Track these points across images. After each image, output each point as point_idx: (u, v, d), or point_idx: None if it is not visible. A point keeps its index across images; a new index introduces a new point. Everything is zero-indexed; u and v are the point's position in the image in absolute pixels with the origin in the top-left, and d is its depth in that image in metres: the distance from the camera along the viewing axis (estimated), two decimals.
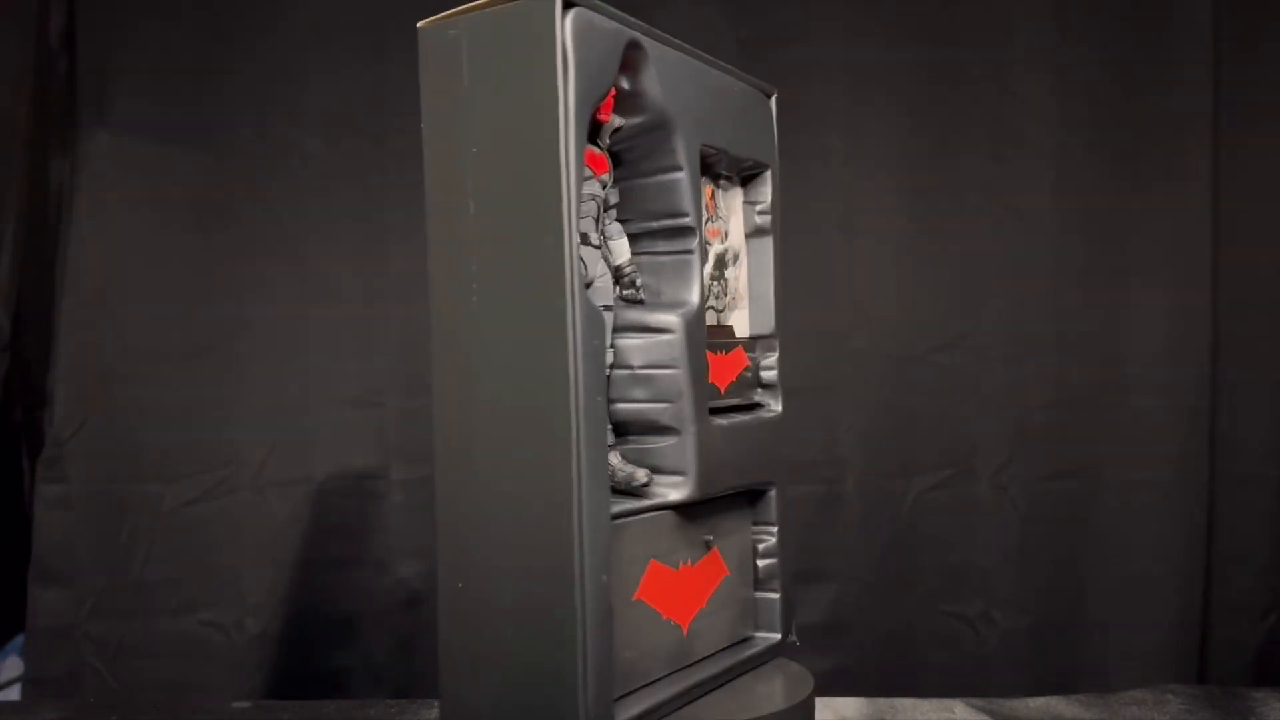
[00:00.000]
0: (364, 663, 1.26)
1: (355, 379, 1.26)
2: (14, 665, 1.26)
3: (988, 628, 1.25)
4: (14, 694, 1.25)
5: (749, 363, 0.68)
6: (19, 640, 1.27)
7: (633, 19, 0.56)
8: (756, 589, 0.70)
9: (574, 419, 0.52)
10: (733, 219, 0.71)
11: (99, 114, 1.24)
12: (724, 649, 0.67)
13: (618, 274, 0.66)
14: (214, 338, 1.25)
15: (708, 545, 0.64)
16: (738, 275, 0.70)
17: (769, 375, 0.70)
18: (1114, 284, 1.24)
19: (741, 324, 0.70)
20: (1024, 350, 1.24)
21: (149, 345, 1.24)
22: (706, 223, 0.67)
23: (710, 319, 0.67)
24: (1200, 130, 1.23)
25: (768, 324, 0.70)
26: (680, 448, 0.61)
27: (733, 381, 0.66)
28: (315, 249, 1.26)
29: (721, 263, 0.69)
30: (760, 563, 0.70)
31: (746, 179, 0.71)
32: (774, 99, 0.71)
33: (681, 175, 0.62)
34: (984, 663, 1.24)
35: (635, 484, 0.60)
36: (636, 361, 0.60)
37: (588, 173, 0.60)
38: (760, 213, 0.71)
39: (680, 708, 0.60)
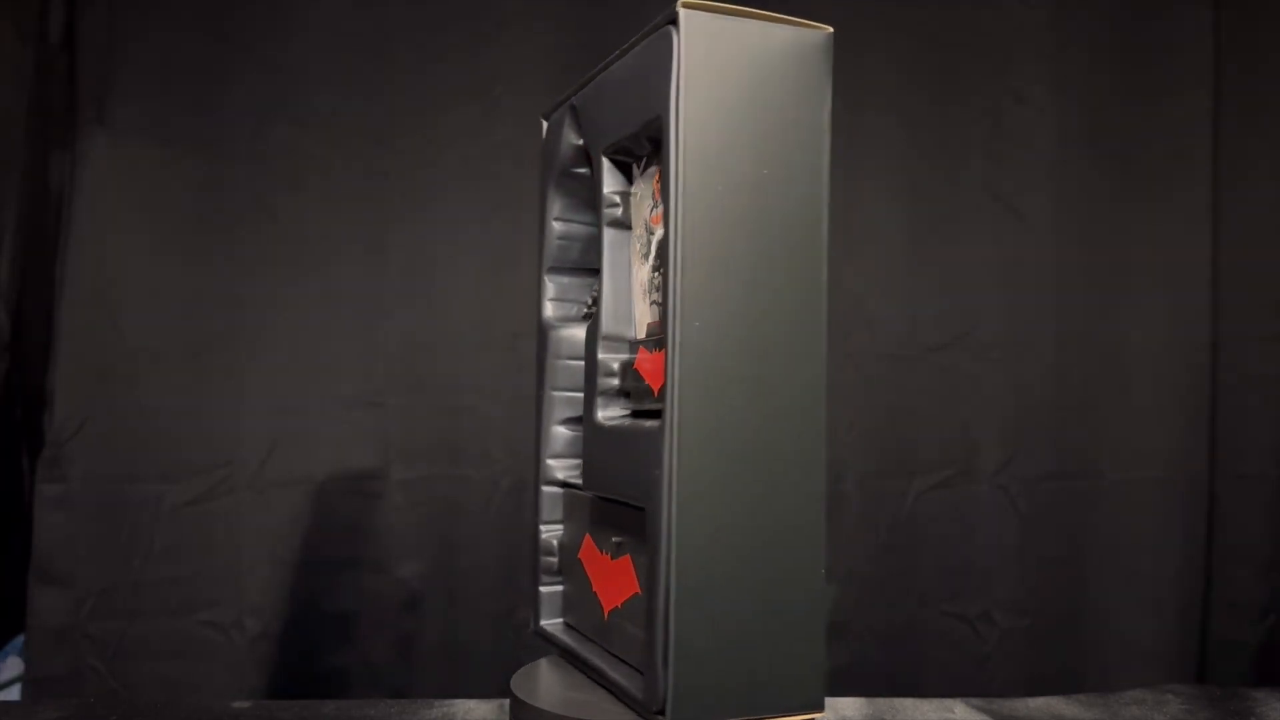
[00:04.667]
0: (364, 663, 1.26)
1: (355, 379, 1.26)
2: (14, 665, 1.26)
3: (988, 628, 1.25)
4: (14, 694, 1.25)
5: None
6: (19, 640, 1.27)
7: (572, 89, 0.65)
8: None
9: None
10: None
11: (99, 114, 1.24)
12: (634, 668, 0.57)
13: None
14: (214, 338, 1.25)
15: (616, 548, 0.60)
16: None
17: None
18: (1114, 284, 1.25)
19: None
20: (1024, 350, 1.24)
21: (149, 345, 1.24)
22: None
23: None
24: (1200, 131, 1.23)
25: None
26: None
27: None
28: (315, 249, 1.26)
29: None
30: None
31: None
32: (679, 18, 0.52)
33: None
34: (984, 663, 1.24)
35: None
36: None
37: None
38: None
39: (576, 671, 0.63)
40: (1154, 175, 1.24)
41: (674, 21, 0.52)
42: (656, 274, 0.62)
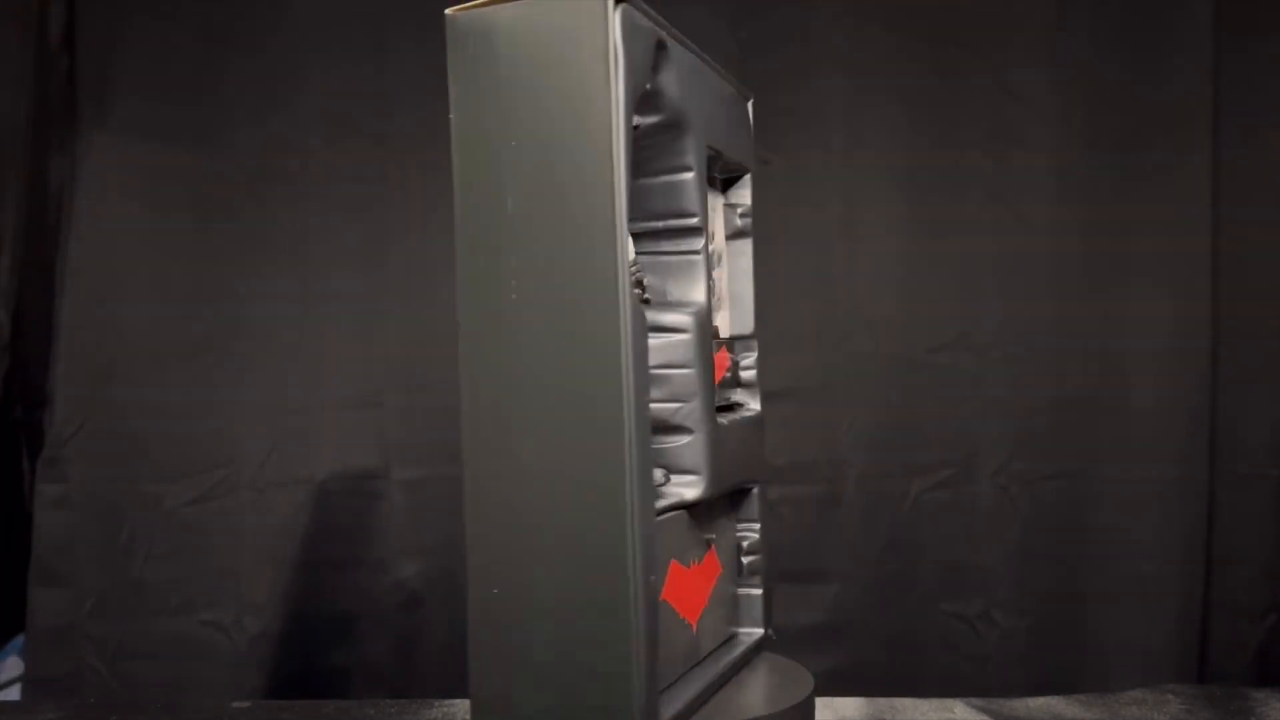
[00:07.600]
0: (364, 663, 1.26)
1: (355, 379, 1.26)
2: (14, 665, 1.26)
3: (988, 628, 1.25)
4: (14, 694, 1.25)
5: (730, 362, 0.70)
6: (19, 640, 1.27)
7: (658, 17, 0.56)
8: (740, 585, 0.71)
9: (626, 416, 0.53)
10: (715, 220, 0.70)
11: (99, 114, 1.24)
12: (719, 646, 0.67)
13: None
14: (214, 338, 1.25)
15: (708, 543, 0.65)
16: (720, 276, 0.70)
17: (748, 375, 0.71)
18: (1114, 284, 1.24)
19: (723, 325, 0.71)
20: (1024, 350, 1.24)
21: (149, 345, 1.24)
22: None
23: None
24: (1200, 130, 1.23)
25: (747, 325, 0.71)
26: (694, 446, 0.62)
27: (718, 381, 0.66)
28: (315, 249, 1.26)
29: (709, 263, 0.70)
30: (745, 559, 0.70)
31: (726, 182, 0.71)
32: (750, 103, 0.71)
33: (691, 176, 0.63)
34: (984, 663, 1.24)
35: (656, 484, 0.60)
36: (651, 361, 0.59)
37: None
38: (741, 215, 0.71)
39: (700, 707, 0.60)
40: (1154, 174, 1.24)
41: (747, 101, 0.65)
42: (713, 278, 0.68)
